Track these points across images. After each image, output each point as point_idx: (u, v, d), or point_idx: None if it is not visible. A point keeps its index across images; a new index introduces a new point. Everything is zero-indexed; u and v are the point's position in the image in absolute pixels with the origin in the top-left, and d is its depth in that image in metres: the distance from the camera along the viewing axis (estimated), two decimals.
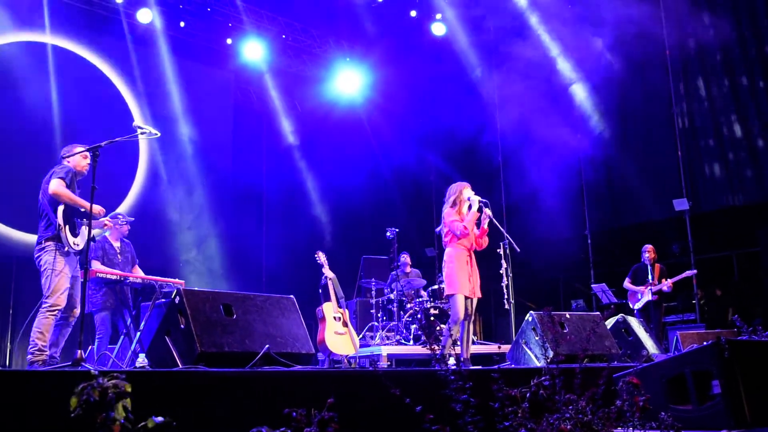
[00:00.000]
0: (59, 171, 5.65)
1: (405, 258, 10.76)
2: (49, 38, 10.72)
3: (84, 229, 5.62)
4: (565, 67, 12.13)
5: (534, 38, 12.26)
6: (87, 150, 5.39)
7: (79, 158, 5.87)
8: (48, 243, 5.54)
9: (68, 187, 5.60)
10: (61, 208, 5.54)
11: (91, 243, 5.47)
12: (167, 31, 11.78)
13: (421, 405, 2.86)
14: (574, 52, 11.94)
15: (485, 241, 6.94)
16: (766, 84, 10.33)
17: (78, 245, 5.57)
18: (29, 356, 5.31)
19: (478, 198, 6.83)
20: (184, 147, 11.95)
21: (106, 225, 6.40)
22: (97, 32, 11.29)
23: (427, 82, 13.45)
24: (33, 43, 10.62)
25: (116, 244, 7.61)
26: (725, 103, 10.78)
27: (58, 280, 5.43)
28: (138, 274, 7.54)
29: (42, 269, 5.51)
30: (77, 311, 5.67)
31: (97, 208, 5.52)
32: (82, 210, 5.67)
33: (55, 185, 5.54)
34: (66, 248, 5.50)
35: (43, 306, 5.40)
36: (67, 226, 5.52)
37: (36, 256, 5.59)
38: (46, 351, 5.36)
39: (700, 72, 11.10)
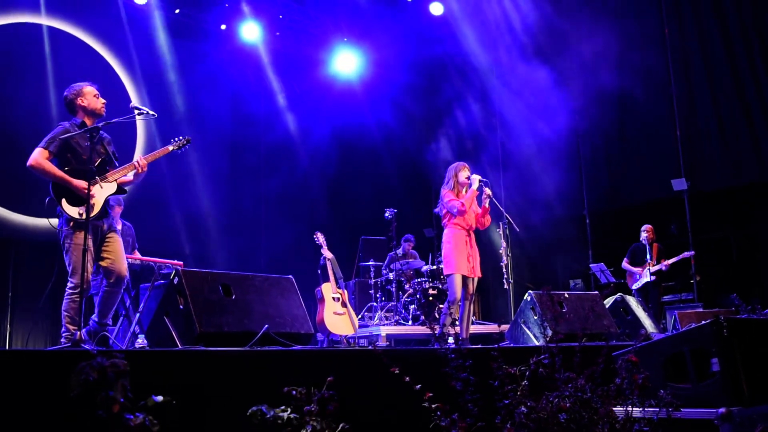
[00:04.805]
0: (46, 138, 5.07)
1: (407, 245, 10.76)
2: (44, 19, 10.64)
3: (98, 189, 5.08)
4: (563, 44, 12.07)
5: (532, 18, 12.20)
6: (85, 131, 5.11)
7: (90, 98, 5.34)
8: (58, 221, 5.09)
9: (60, 153, 5.05)
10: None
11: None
12: (163, 12, 11.70)
13: (421, 384, 2.87)
14: (572, 30, 11.88)
15: (488, 220, 6.96)
16: (765, 62, 10.28)
17: (83, 214, 4.93)
18: (62, 339, 4.96)
19: (478, 177, 6.83)
20: (181, 128, 11.89)
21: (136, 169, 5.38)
22: (93, 13, 11.19)
23: (425, 62, 13.39)
24: (28, 24, 10.54)
25: (117, 227, 7.59)
26: (724, 82, 10.73)
27: (73, 256, 4.96)
28: (137, 256, 7.55)
29: (63, 249, 5.08)
30: (120, 277, 5.22)
31: (81, 184, 4.98)
32: (90, 169, 5.05)
33: (33, 156, 4.99)
34: (72, 223, 4.97)
35: (67, 287, 5.01)
36: (63, 199, 4.99)
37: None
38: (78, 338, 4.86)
39: (699, 50, 11.03)
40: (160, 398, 2.43)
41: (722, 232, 10.92)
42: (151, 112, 5.56)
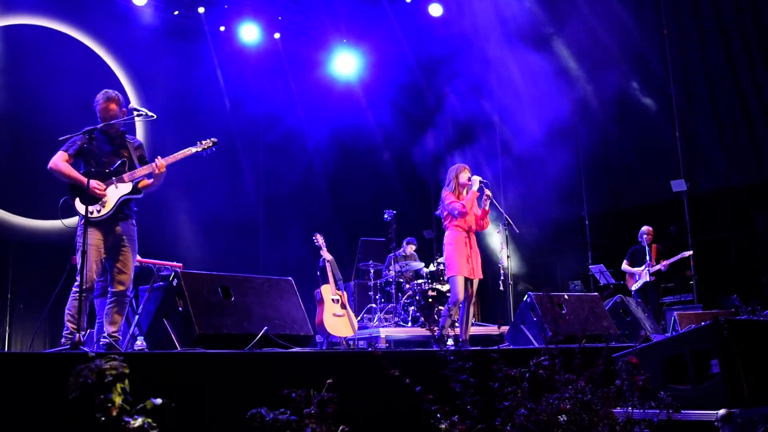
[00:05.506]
0: (68, 141, 5.28)
1: (410, 247, 10.72)
2: (44, 20, 10.63)
3: (112, 189, 5.22)
4: (562, 46, 12.06)
5: (531, 20, 12.19)
6: (84, 132, 5.14)
7: (103, 110, 5.40)
8: (75, 218, 5.22)
9: (80, 156, 5.25)
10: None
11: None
12: (162, 13, 11.69)
13: (420, 386, 2.86)
14: (572, 31, 11.87)
15: (486, 222, 6.96)
16: (764, 62, 10.28)
17: (98, 212, 5.08)
18: (62, 339, 5.00)
19: (478, 178, 6.83)
20: (180, 129, 11.87)
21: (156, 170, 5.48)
22: (92, 14, 11.19)
23: (424, 63, 13.38)
24: (28, 26, 10.53)
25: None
26: (724, 82, 10.73)
27: (82, 255, 4.92)
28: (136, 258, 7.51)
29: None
30: (124, 287, 5.28)
31: (91, 183, 5.09)
32: (107, 171, 5.26)
33: (52, 159, 5.21)
34: (82, 221, 5.05)
35: (74, 285, 5.03)
36: (77, 198, 5.12)
37: None
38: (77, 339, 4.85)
39: (698, 52, 11.03)
40: (159, 401, 2.42)
41: (722, 233, 10.91)
42: (150, 114, 5.55)
